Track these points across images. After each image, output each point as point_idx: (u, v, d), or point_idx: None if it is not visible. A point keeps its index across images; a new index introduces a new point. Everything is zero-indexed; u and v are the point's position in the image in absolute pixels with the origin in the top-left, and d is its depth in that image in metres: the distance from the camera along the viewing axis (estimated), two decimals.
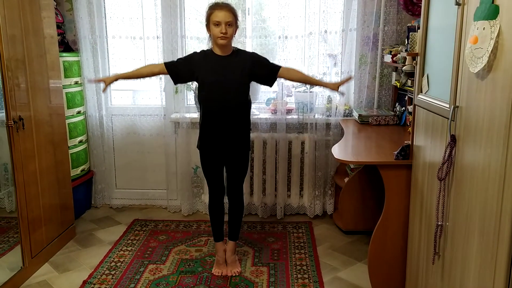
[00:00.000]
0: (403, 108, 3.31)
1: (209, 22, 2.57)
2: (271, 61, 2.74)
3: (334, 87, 2.73)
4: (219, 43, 2.57)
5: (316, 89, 3.59)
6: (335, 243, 3.26)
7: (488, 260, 1.44)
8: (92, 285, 2.68)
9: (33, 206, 2.82)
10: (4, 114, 2.57)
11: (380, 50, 3.48)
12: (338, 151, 2.63)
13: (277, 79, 2.76)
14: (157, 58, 3.60)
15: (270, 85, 2.77)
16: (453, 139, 1.72)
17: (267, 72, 2.69)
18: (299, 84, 3.62)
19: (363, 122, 3.37)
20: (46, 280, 2.76)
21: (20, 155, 2.67)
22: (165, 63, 2.70)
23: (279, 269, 2.87)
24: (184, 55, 2.69)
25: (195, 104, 3.68)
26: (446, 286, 1.82)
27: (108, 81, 2.69)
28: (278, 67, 2.70)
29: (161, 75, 3.60)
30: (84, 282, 2.72)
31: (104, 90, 2.73)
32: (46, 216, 2.96)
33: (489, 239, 1.43)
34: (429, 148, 2.05)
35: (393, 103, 3.57)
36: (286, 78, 2.81)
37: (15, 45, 2.64)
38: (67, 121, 3.41)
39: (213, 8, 2.56)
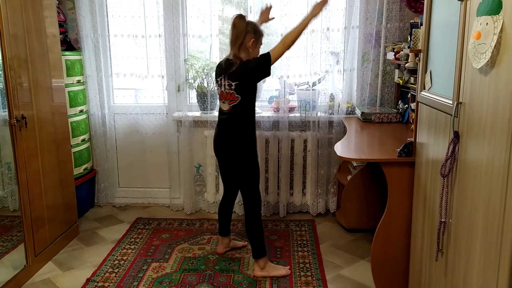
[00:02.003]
0: (406, 105, 3.30)
1: (258, 41, 2.69)
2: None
3: (315, 10, 2.67)
4: None
5: (319, 87, 3.58)
6: (338, 241, 3.25)
7: (491, 256, 1.44)
8: (96, 283, 2.69)
9: (36, 205, 2.82)
10: (7, 113, 2.57)
11: (382, 48, 3.47)
12: (340, 149, 2.62)
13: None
14: (159, 56, 3.60)
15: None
16: (456, 135, 1.71)
17: None
18: (301, 82, 3.62)
19: (366, 119, 3.36)
20: (49, 278, 2.77)
21: (23, 154, 2.68)
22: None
23: None
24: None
25: (198, 102, 3.68)
26: (450, 283, 1.81)
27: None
28: None
29: (163, 75, 3.62)
30: (88, 280, 2.73)
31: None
32: (49, 215, 2.97)
33: (493, 235, 1.43)
34: (432, 145, 2.05)
35: (395, 101, 3.56)
36: None
37: (18, 44, 2.64)
38: (70, 120, 3.41)
39: None
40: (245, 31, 2.60)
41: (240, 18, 2.63)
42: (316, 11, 2.67)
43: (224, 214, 3.04)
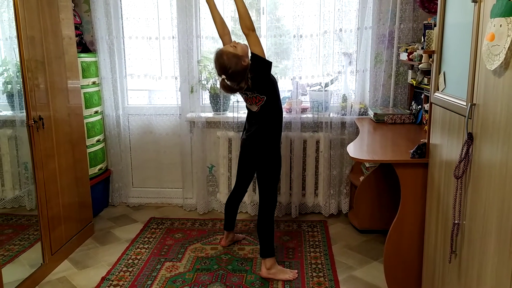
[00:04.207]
0: (419, 106, 3.29)
1: (247, 52, 2.64)
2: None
3: None
4: None
5: (331, 88, 3.58)
6: (350, 242, 3.25)
7: (505, 258, 1.43)
8: (110, 282, 2.73)
9: (52, 204, 2.88)
10: (24, 113, 2.63)
11: (396, 48, 3.45)
12: (353, 150, 2.63)
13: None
14: (173, 57, 3.63)
15: None
16: (470, 137, 1.71)
17: None
18: (314, 83, 3.62)
19: (379, 120, 3.35)
20: (65, 277, 2.82)
21: (40, 154, 2.73)
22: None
23: (294, 267, 2.87)
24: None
25: (211, 103, 3.71)
26: (463, 285, 1.81)
27: None
28: None
29: (176, 76, 3.65)
30: (103, 278, 2.77)
31: None
32: (65, 214, 3.02)
33: (507, 237, 1.42)
34: (445, 146, 2.04)
35: (409, 102, 3.54)
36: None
37: (35, 47, 2.69)
38: (85, 121, 3.46)
39: None
40: (239, 71, 2.55)
41: (224, 81, 2.59)
42: None
43: (231, 210, 3.11)
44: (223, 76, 2.57)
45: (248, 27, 2.57)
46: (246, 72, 2.58)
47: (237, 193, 3.08)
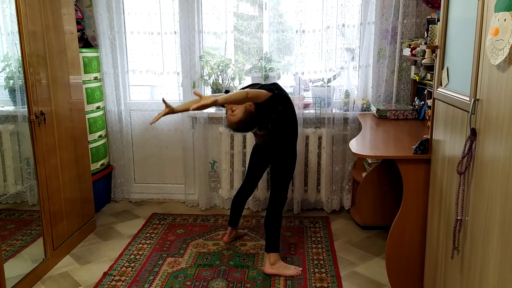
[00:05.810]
0: (422, 102, 3.27)
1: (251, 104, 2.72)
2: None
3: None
4: None
5: (334, 83, 3.57)
6: (352, 238, 3.25)
7: (508, 254, 1.42)
8: (112, 277, 2.73)
9: (54, 200, 2.88)
10: (26, 109, 2.62)
11: (399, 44, 3.43)
12: (355, 146, 2.62)
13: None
14: (175, 53, 3.63)
15: None
16: (473, 132, 1.70)
17: None
18: (316, 78, 3.61)
19: (381, 116, 3.34)
20: (67, 272, 2.82)
21: (42, 149, 2.73)
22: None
23: (296, 263, 2.87)
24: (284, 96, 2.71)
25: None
26: (465, 281, 1.80)
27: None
28: None
29: (178, 72, 3.64)
30: (105, 274, 2.77)
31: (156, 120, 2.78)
32: (67, 210, 3.02)
33: (510, 233, 1.41)
34: (448, 142, 2.03)
35: (412, 97, 3.53)
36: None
37: (36, 42, 2.69)
38: (87, 116, 3.46)
39: None
40: (256, 119, 2.64)
41: (257, 133, 2.82)
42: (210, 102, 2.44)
43: (238, 206, 3.12)
44: (253, 131, 2.77)
45: (245, 98, 2.47)
46: (260, 113, 2.63)
47: (246, 189, 3.09)
